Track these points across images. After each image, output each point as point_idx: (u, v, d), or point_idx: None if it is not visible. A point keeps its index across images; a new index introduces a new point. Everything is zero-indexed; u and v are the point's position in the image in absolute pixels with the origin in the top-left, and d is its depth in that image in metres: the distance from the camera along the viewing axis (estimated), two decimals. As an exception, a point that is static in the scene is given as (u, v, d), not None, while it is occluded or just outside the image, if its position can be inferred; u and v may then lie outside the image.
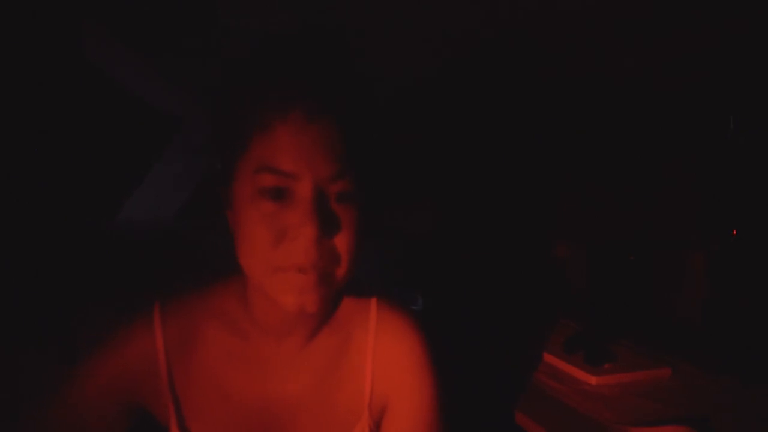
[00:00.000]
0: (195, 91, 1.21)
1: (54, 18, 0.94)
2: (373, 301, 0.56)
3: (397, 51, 1.23)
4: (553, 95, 1.50)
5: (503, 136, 1.73)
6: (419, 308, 1.44)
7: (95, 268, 1.04)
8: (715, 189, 1.32)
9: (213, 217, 0.48)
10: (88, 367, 0.47)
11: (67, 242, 1.02)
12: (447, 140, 1.78)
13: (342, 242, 0.43)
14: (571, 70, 1.35)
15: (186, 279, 0.57)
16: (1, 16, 0.87)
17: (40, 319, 0.89)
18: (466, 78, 1.42)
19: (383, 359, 0.53)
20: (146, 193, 1.23)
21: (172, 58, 1.14)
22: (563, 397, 0.91)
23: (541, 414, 0.85)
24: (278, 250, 0.41)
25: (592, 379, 0.95)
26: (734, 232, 1.25)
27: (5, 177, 0.94)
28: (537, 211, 1.76)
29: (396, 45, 1.20)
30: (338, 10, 1.02)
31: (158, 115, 1.21)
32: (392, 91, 1.42)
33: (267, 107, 0.42)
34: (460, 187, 1.78)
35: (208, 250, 0.45)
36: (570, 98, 1.50)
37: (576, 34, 1.15)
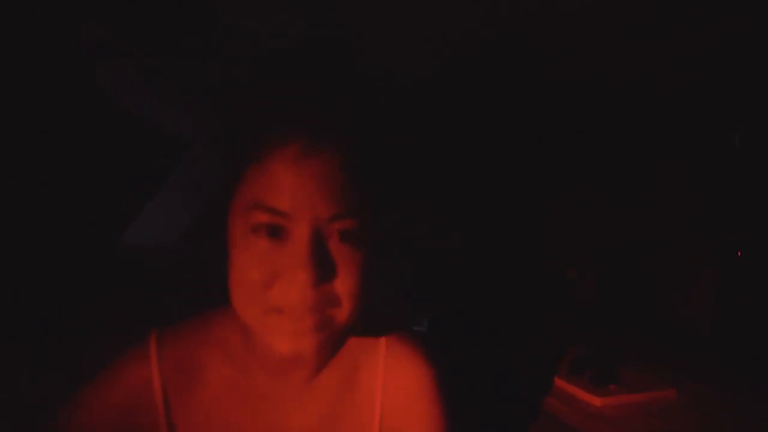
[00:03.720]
0: (202, 112, 1.21)
1: (54, 18, 0.94)
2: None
3: (397, 51, 1.23)
4: (553, 95, 1.50)
5: (503, 136, 1.73)
6: (424, 329, 1.42)
7: (96, 269, 1.04)
8: (713, 191, 1.32)
9: (216, 240, 0.45)
10: (83, 400, 0.45)
11: (68, 243, 1.01)
12: (446, 141, 1.78)
13: (342, 285, 0.39)
14: (571, 70, 1.35)
15: (187, 297, 0.56)
16: (1, 16, 0.87)
17: (40, 320, 0.89)
18: (466, 78, 1.42)
19: (393, 394, 0.51)
20: (151, 212, 1.22)
21: (175, 75, 1.14)
22: (567, 419, 0.90)
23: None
24: (271, 292, 0.38)
25: (597, 401, 0.94)
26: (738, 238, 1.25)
27: (5, 178, 0.93)
28: (536, 215, 1.76)
29: (396, 45, 1.20)
30: (338, 10, 1.02)
31: (161, 135, 1.20)
32: (392, 91, 1.42)
33: (264, 138, 0.38)
34: (457, 188, 1.78)
35: (210, 271, 0.44)
36: (570, 98, 1.50)
37: (576, 34, 1.15)
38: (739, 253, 1.25)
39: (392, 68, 1.30)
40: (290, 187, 0.37)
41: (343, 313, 0.40)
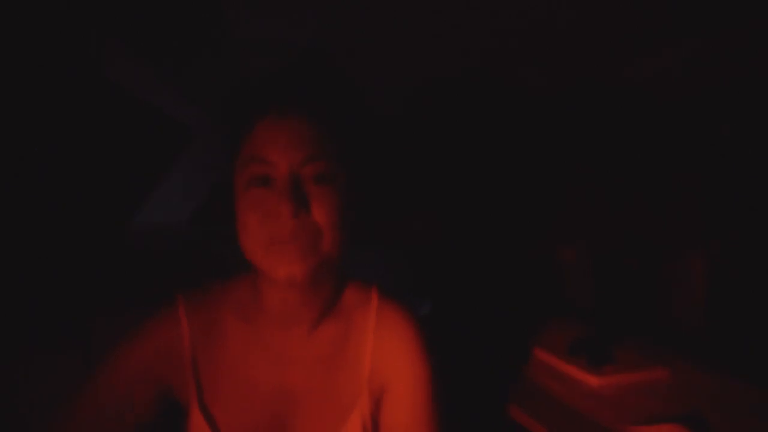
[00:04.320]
0: (205, 100, 1.25)
1: (69, 28, 0.97)
2: (374, 293, 0.62)
3: (399, 56, 1.25)
4: (554, 101, 1.51)
5: (504, 141, 1.75)
6: (426, 312, 1.45)
7: (111, 269, 1.07)
8: (715, 192, 1.33)
9: (223, 224, 0.54)
10: (119, 354, 0.53)
11: (83, 244, 1.04)
12: (448, 144, 1.80)
13: (321, 217, 0.50)
14: (572, 78, 1.36)
15: (198, 282, 0.61)
16: (19, 25, 0.90)
17: (58, 321, 0.91)
18: (466, 79, 1.44)
19: (382, 345, 0.58)
20: (157, 200, 1.26)
21: (182, 67, 1.17)
22: (565, 398, 0.93)
23: (544, 414, 0.87)
24: (264, 228, 0.49)
25: (594, 380, 0.96)
26: (734, 235, 1.25)
27: (19, 167, 0.96)
28: (537, 213, 1.78)
29: (397, 51, 1.22)
30: (344, 20, 1.04)
31: (170, 124, 1.24)
32: (395, 96, 1.45)
33: (252, 110, 0.52)
34: (460, 189, 1.80)
35: (218, 255, 0.51)
36: (571, 104, 1.52)
37: (578, 42, 1.17)
38: (734, 255, 1.26)
39: (393, 71, 1.32)
40: (271, 140, 0.50)
41: (326, 241, 0.50)
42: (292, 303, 0.54)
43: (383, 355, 0.58)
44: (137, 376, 0.52)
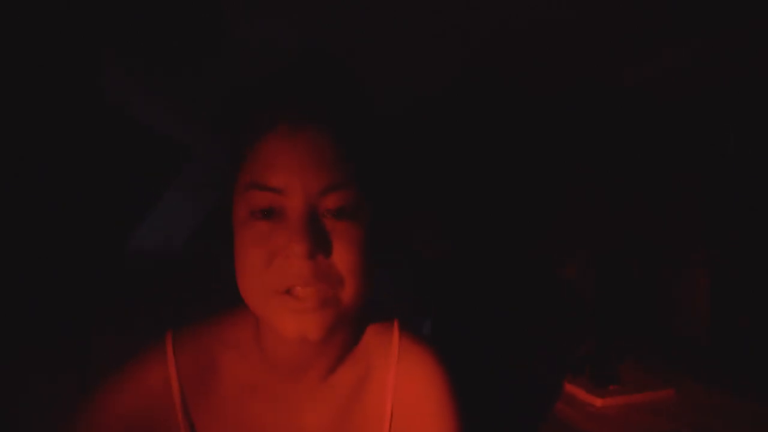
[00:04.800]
0: (204, 119, 1.24)
1: (68, 44, 0.97)
2: (395, 335, 0.53)
3: (399, 56, 1.26)
4: (554, 101, 1.52)
5: (504, 141, 1.76)
6: (427, 332, 1.44)
7: (111, 270, 1.07)
8: (715, 192, 1.34)
9: (223, 244, 0.46)
10: (100, 400, 0.45)
11: (84, 244, 1.04)
12: (447, 143, 1.80)
13: (342, 260, 0.40)
14: (572, 78, 1.37)
15: (197, 302, 0.57)
16: (18, 40, 0.90)
17: (58, 321, 0.91)
18: (467, 82, 1.45)
19: (404, 396, 0.51)
20: (156, 220, 1.25)
21: (182, 68, 1.17)
22: (568, 419, 0.92)
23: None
24: (271, 271, 0.39)
25: (597, 401, 0.95)
26: (734, 235, 1.26)
27: (25, 181, 0.96)
28: (536, 213, 1.78)
29: (398, 51, 1.22)
30: (344, 20, 1.05)
31: (168, 144, 1.23)
32: (395, 97, 1.45)
33: (255, 123, 0.41)
34: (459, 189, 1.80)
35: (219, 276, 0.46)
36: (571, 104, 1.52)
37: (578, 42, 1.17)
38: (734, 259, 1.26)
39: (393, 71, 1.32)
40: (281, 164, 0.39)
41: (347, 292, 0.40)
42: (302, 356, 0.46)
43: (405, 408, 0.51)
44: (118, 427, 0.44)
